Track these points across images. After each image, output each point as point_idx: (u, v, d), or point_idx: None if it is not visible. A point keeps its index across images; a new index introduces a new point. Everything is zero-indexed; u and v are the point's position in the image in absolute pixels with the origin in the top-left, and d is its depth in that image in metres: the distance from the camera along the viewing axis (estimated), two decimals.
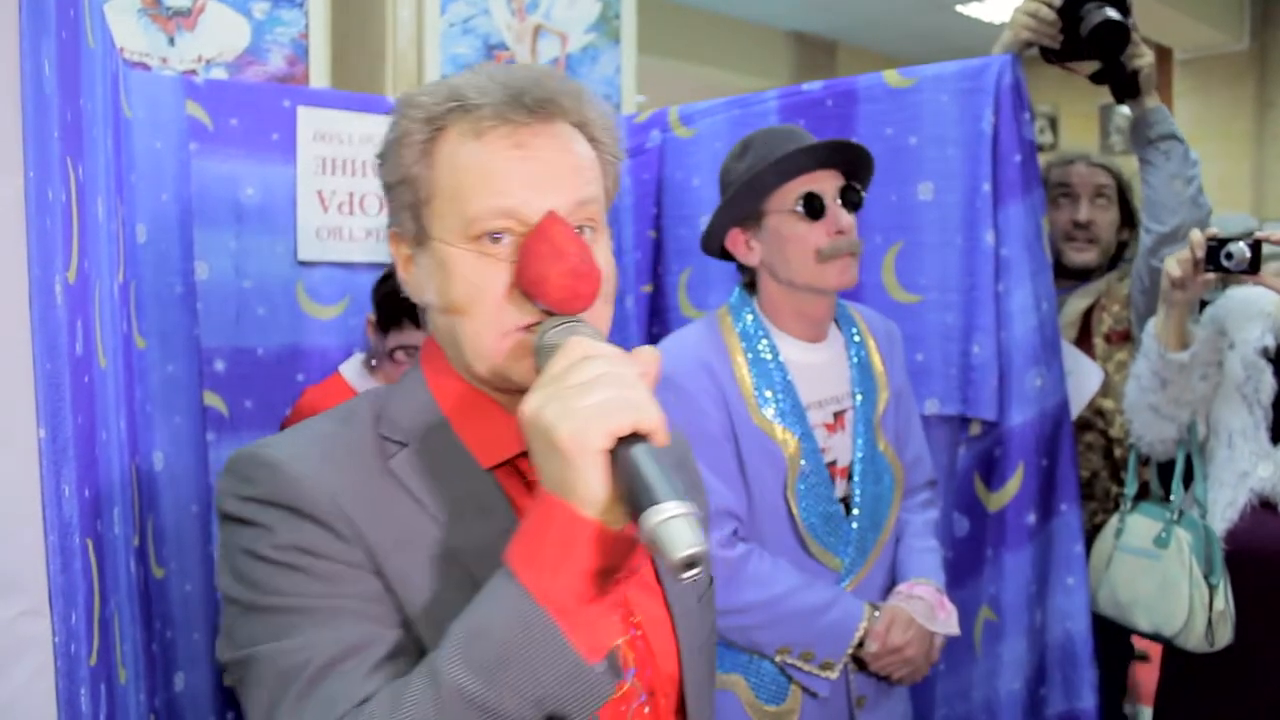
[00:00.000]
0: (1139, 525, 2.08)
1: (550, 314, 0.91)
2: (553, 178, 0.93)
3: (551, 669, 0.75)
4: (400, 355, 2.09)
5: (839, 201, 1.80)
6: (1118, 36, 2.06)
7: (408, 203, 0.96)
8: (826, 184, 1.80)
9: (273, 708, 0.83)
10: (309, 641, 0.83)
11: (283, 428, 2.16)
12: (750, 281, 1.91)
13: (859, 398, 1.87)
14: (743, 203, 1.83)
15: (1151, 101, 2.17)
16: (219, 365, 2.17)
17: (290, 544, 0.86)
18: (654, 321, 2.62)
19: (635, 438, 0.75)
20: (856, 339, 1.92)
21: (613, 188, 1.02)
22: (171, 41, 2.42)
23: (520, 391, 0.85)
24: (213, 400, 2.15)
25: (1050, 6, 2.07)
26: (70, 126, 1.20)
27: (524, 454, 0.92)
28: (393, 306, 2.06)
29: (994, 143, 2.14)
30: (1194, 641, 1.94)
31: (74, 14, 1.24)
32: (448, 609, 0.83)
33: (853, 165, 1.83)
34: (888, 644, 1.78)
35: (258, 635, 0.85)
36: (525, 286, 0.90)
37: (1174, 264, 1.92)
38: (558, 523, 0.76)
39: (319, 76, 2.59)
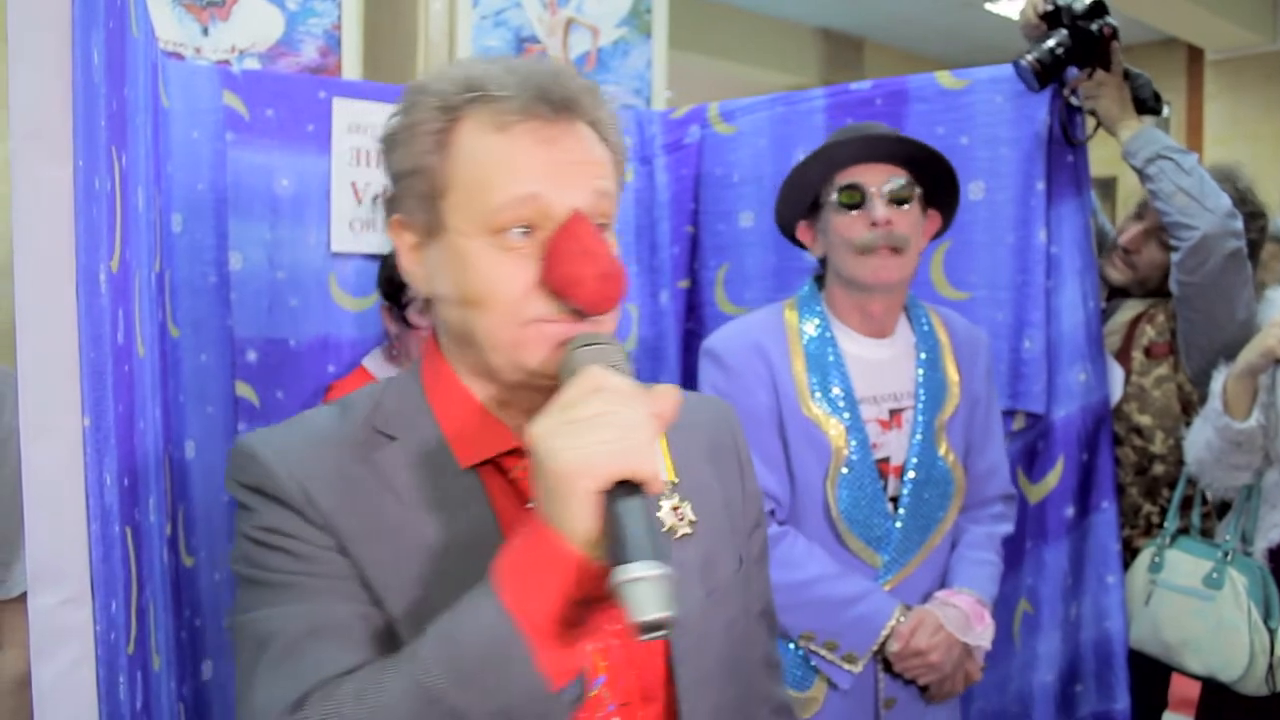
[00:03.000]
0: (1182, 562, 2.02)
1: (578, 313, 0.90)
2: (577, 172, 0.93)
3: (516, 686, 0.76)
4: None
5: (885, 195, 1.78)
6: (1029, 80, 2.07)
7: (420, 192, 0.95)
8: (872, 176, 1.78)
9: (249, 671, 0.87)
10: (286, 613, 0.88)
11: None
12: (822, 275, 1.91)
13: (922, 398, 1.85)
14: (792, 192, 1.83)
15: (1125, 132, 2.10)
16: (251, 355, 2.17)
17: (268, 525, 0.91)
18: (690, 317, 2.61)
19: (629, 485, 0.75)
20: (929, 340, 1.89)
21: (619, 190, 1.01)
22: (205, 31, 2.42)
23: (538, 384, 0.90)
24: (244, 390, 2.15)
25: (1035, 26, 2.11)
26: (115, 116, 1.20)
27: (508, 453, 0.96)
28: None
29: (1049, 142, 2.13)
30: (1253, 686, 1.90)
31: (121, 3, 1.24)
32: (419, 599, 0.88)
33: (922, 166, 1.80)
34: (910, 645, 1.76)
35: (248, 604, 0.91)
36: (555, 286, 0.90)
37: None
38: (544, 548, 0.77)
39: (351, 68, 2.59)
